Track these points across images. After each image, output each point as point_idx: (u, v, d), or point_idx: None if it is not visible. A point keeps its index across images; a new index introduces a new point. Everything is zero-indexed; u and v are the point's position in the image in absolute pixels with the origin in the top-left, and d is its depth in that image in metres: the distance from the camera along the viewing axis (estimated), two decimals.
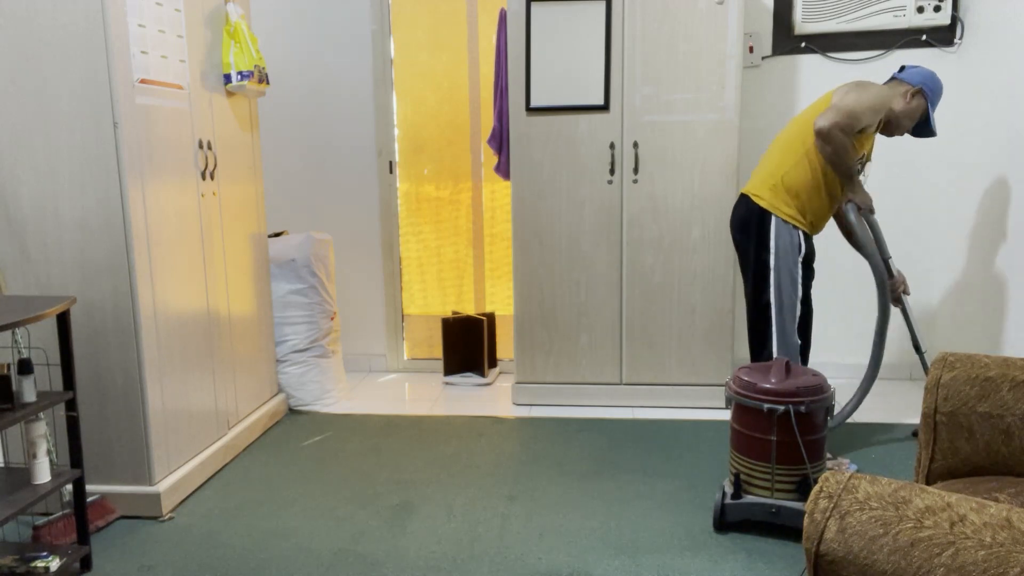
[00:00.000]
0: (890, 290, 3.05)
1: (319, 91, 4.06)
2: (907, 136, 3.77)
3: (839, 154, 2.70)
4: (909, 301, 3.70)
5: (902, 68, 2.90)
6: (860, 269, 3.90)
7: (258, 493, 2.79)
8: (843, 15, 3.66)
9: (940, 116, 3.74)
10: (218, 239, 3.00)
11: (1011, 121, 3.68)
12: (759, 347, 2.93)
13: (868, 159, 2.91)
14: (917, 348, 3.13)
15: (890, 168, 3.81)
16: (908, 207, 3.82)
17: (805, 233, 2.83)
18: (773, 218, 2.82)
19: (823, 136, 2.68)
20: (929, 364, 3.22)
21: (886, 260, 3.04)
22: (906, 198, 3.82)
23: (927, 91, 2.84)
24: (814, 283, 3.93)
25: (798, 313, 2.85)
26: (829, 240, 3.87)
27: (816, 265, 3.91)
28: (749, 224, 2.88)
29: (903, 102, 2.84)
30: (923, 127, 2.91)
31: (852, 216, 2.87)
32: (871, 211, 2.89)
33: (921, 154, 3.78)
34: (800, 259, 2.82)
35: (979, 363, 1.80)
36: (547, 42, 3.38)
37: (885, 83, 2.89)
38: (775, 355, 2.87)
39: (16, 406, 2.08)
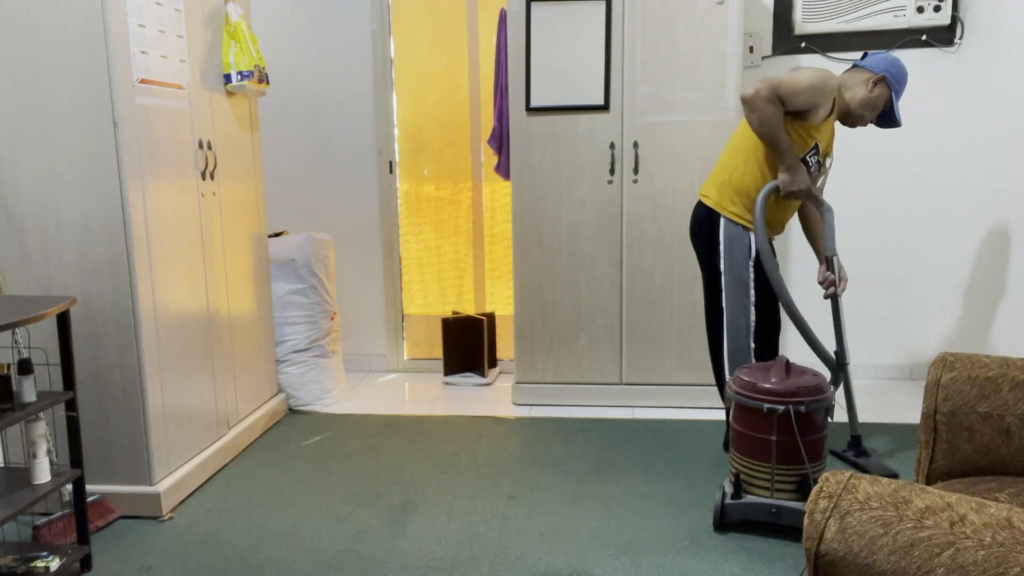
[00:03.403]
0: (826, 284, 2.85)
1: (319, 91, 4.06)
2: (905, 135, 3.76)
3: (764, 123, 2.57)
4: (842, 301, 3.51)
5: (864, 55, 2.78)
6: (857, 270, 3.89)
7: (258, 493, 2.79)
8: (843, 15, 3.66)
9: (940, 114, 3.74)
10: (218, 239, 3.00)
11: (1011, 121, 3.68)
12: (716, 352, 2.90)
13: (828, 153, 2.80)
14: (840, 356, 2.85)
15: (889, 168, 3.80)
16: (908, 207, 3.82)
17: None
18: (721, 219, 2.77)
19: (747, 103, 2.57)
20: (850, 378, 2.93)
21: (829, 257, 2.81)
22: (905, 198, 3.82)
23: (890, 79, 2.71)
24: (801, 285, 3.92)
25: (752, 318, 2.78)
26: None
27: (804, 266, 3.92)
28: (700, 227, 2.84)
29: (864, 90, 2.71)
30: (887, 117, 2.78)
31: (760, 197, 2.65)
32: (799, 190, 2.65)
33: (921, 154, 3.78)
34: (751, 262, 2.76)
35: (979, 363, 1.80)
36: (547, 42, 3.38)
37: (846, 71, 2.80)
38: (726, 361, 2.84)
39: (16, 406, 2.08)
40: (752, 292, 2.77)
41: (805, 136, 2.69)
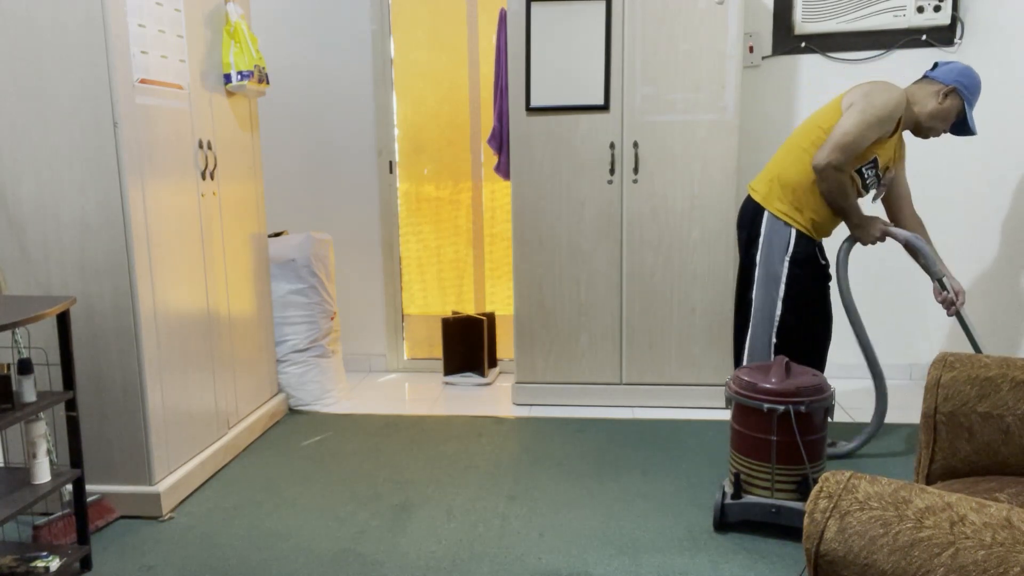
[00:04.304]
0: (946, 304, 2.88)
1: (319, 91, 4.06)
2: (906, 133, 3.76)
3: (833, 192, 2.68)
4: (967, 311, 3.57)
5: (935, 65, 2.76)
6: (857, 269, 3.89)
7: (258, 493, 2.79)
8: (843, 15, 3.66)
9: None
10: (218, 239, 3.00)
11: (1011, 121, 3.68)
12: (739, 346, 2.94)
13: (889, 166, 2.79)
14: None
15: None
16: None
17: (801, 233, 2.78)
18: (765, 213, 2.82)
19: (818, 173, 2.66)
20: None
21: (940, 279, 2.86)
22: None
23: (962, 89, 2.70)
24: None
25: (778, 313, 2.80)
26: (830, 240, 3.86)
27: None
28: (745, 218, 2.91)
29: (935, 103, 2.71)
30: (960, 125, 2.77)
31: (841, 255, 2.84)
32: (875, 240, 2.79)
33: (920, 154, 3.77)
34: (787, 258, 2.77)
35: (979, 363, 1.80)
36: (547, 42, 3.38)
37: (915, 82, 2.79)
38: (746, 354, 2.88)
39: (16, 406, 2.08)
40: (782, 288, 2.79)
41: (864, 152, 2.70)
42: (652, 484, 2.79)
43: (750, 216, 2.87)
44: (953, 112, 2.73)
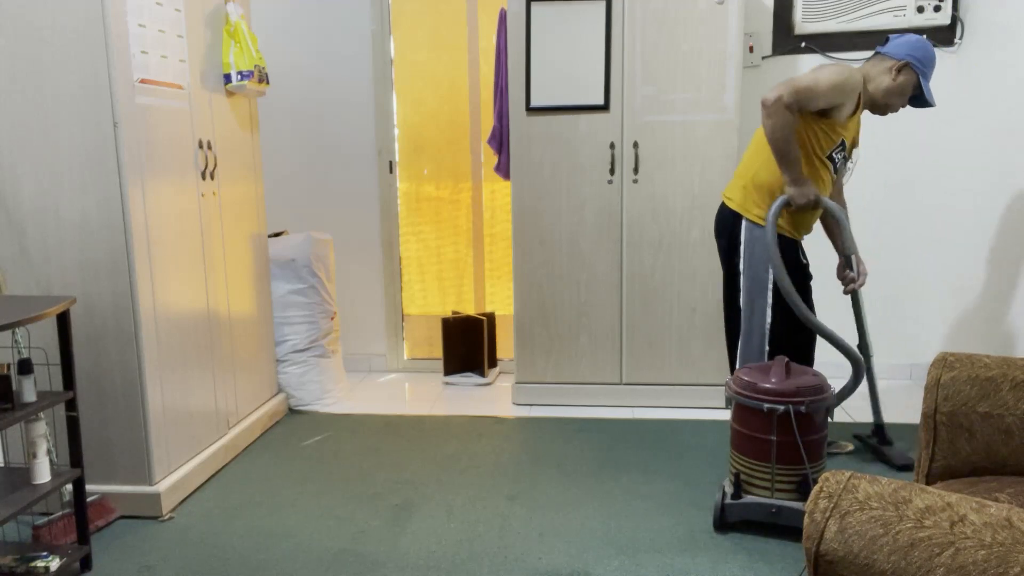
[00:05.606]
0: (846, 281, 2.90)
1: (319, 91, 4.06)
2: (906, 135, 3.76)
3: (777, 130, 2.51)
4: (862, 296, 3.46)
5: (886, 40, 2.71)
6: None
7: (258, 493, 2.79)
8: (843, 15, 3.66)
9: (940, 114, 3.73)
10: (218, 239, 3.00)
11: (1011, 121, 3.68)
12: (732, 351, 2.90)
13: (855, 144, 2.79)
14: (863, 349, 2.95)
15: (889, 167, 3.80)
16: (908, 206, 3.82)
17: (781, 236, 2.72)
18: (744, 221, 2.75)
19: (766, 108, 2.50)
20: (873, 369, 3.04)
21: (847, 256, 2.86)
22: (904, 198, 3.82)
23: (915, 63, 2.64)
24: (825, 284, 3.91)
25: (768, 320, 2.76)
26: (819, 240, 3.86)
27: (823, 263, 3.90)
28: (723, 228, 2.83)
29: (888, 79, 2.66)
30: (919, 98, 2.72)
31: (771, 214, 2.60)
32: (806, 205, 2.61)
33: (920, 154, 3.77)
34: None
35: (979, 363, 1.80)
36: (547, 42, 3.38)
37: (868, 60, 2.74)
38: (738, 362, 2.84)
39: (16, 406, 2.08)
40: (770, 294, 2.75)
41: (831, 133, 2.66)
42: (652, 484, 2.79)
43: (728, 225, 2.80)
44: (909, 86, 2.68)
